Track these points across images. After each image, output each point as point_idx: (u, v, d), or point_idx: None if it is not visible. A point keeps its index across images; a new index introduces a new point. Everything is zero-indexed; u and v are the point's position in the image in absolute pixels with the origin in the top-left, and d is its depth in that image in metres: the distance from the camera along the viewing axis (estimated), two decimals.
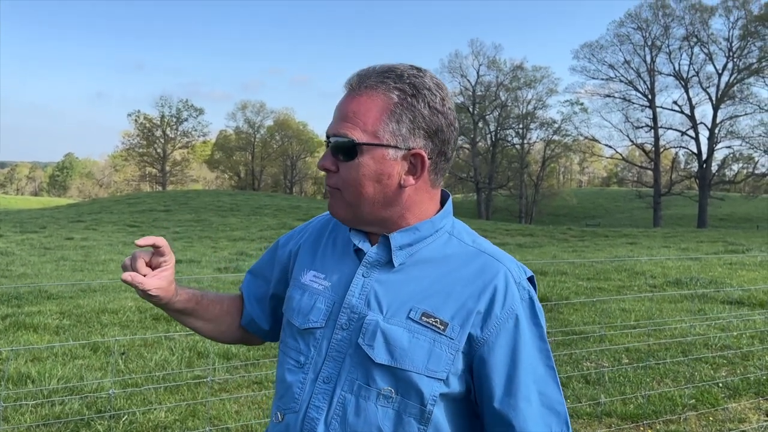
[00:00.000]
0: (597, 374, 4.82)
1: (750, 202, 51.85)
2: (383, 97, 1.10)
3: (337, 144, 1.11)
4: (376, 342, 1.09)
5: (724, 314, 7.13)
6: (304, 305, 1.19)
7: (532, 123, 56.66)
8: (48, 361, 4.87)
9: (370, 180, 1.11)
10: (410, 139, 1.11)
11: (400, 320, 1.10)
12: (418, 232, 1.15)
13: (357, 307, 1.13)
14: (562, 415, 1.12)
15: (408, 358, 1.08)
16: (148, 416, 3.83)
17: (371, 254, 1.16)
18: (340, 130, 1.11)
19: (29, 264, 12.78)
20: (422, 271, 1.14)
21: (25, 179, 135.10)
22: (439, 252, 1.16)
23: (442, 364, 1.08)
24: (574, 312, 7.27)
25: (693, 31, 46.23)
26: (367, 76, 1.12)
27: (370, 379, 1.09)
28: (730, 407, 4.20)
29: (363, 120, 1.09)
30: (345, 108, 1.12)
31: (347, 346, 1.12)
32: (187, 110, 73.92)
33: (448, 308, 1.10)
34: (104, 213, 32.57)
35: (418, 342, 1.08)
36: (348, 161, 1.10)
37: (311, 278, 1.22)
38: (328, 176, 1.14)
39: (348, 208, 1.14)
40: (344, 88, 1.15)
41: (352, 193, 1.12)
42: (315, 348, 1.15)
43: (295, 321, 1.19)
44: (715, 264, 12.23)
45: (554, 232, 28.10)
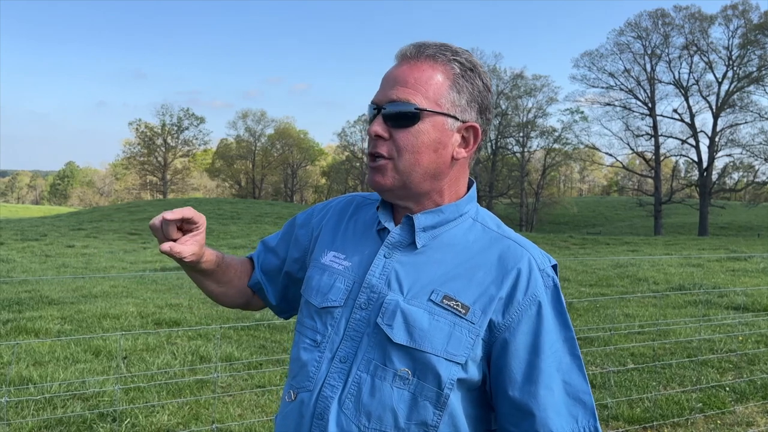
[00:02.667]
0: (603, 378, 4.78)
1: (751, 210, 51.77)
2: (445, 66, 1.10)
3: (397, 110, 1.09)
4: (396, 322, 1.07)
5: (729, 319, 7.10)
6: (323, 285, 1.18)
7: (533, 131, 56.70)
8: (50, 365, 4.84)
9: (428, 148, 1.10)
10: (467, 111, 1.12)
11: (421, 302, 1.08)
12: (443, 214, 1.14)
13: (377, 287, 1.11)
14: (588, 406, 1.09)
15: (427, 340, 1.06)
16: (150, 419, 3.79)
17: (394, 235, 1.15)
18: (400, 95, 1.08)
19: (30, 271, 12.75)
20: (445, 254, 1.12)
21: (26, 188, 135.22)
22: (462, 236, 1.14)
23: (461, 348, 1.06)
24: (577, 317, 7.23)
25: (693, 39, 46.35)
26: (426, 46, 1.11)
27: (387, 360, 1.07)
28: (737, 410, 4.17)
29: (425, 87, 1.09)
30: (404, 75, 1.10)
31: (365, 326, 1.11)
32: (188, 119, 74.08)
33: (471, 292, 1.08)
34: (105, 221, 32.55)
35: (438, 324, 1.06)
36: (407, 127, 1.09)
37: (331, 258, 1.21)
38: (378, 144, 1.11)
39: (397, 176, 1.11)
40: (396, 59, 1.14)
41: (407, 161, 1.10)
42: (332, 327, 1.14)
43: (314, 300, 1.18)
44: (717, 270, 12.20)
45: (555, 239, 28.05)
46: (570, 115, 54.12)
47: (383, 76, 1.14)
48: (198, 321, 6.82)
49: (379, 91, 1.12)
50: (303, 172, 79.54)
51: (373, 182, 1.13)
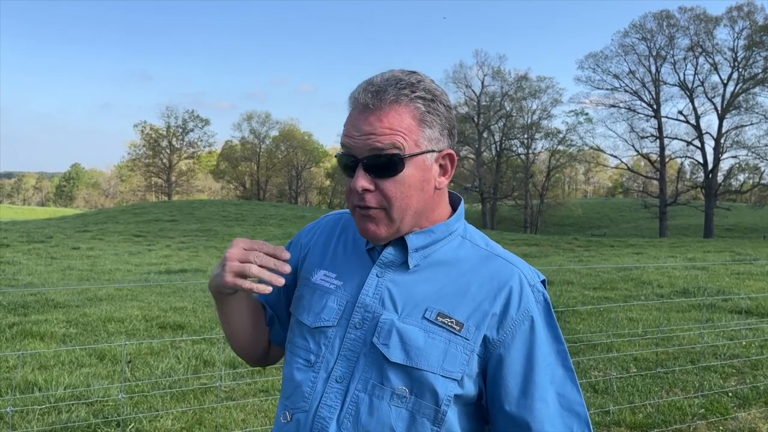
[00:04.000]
0: (605, 383, 4.79)
1: (756, 212, 51.57)
2: (410, 107, 1.10)
3: (382, 160, 1.07)
4: (392, 341, 1.09)
5: (733, 323, 7.09)
6: (314, 304, 1.18)
7: (537, 133, 56.64)
8: (55, 369, 4.88)
9: (415, 190, 1.11)
10: (441, 140, 1.14)
11: (416, 320, 1.10)
12: (433, 234, 1.16)
13: (371, 307, 1.13)
14: (582, 417, 1.11)
15: (423, 358, 1.08)
16: (154, 424, 3.82)
17: (386, 255, 1.16)
18: (384, 144, 1.07)
19: (36, 273, 12.81)
20: (436, 272, 1.14)
21: (31, 190, 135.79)
22: (453, 254, 1.16)
23: (457, 365, 1.09)
24: (581, 321, 7.23)
25: (698, 41, 46.23)
26: (382, 91, 1.09)
27: (385, 379, 1.09)
28: (740, 416, 4.17)
29: (399, 132, 1.08)
30: (374, 124, 1.08)
31: (361, 346, 1.12)
32: (192, 121, 74.31)
33: (464, 309, 1.11)
34: (110, 223, 32.68)
35: (433, 342, 1.08)
36: (392, 176, 1.09)
37: (322, 277, 1.21)
38: (365, 197, 1.10)
39: (391, 225, 1.12)
40: (354, 106, 1.12)
41: (399, 208, 1.10)
42: (326, 347, 1.14)
43: (306, 320, 1.18)
44: (722, 273, 12.16)
45: (560, 242, 28.01)
46: (574, 117, 54.09)
47: (349, 121, 1.11)
48: (202, 325, 6.85)
49: (351, 140, 1.10)
50: (307, 174, 79.67)
51: (366, 232, 1.13)
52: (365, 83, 1.12)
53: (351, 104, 1.13)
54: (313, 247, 1.29)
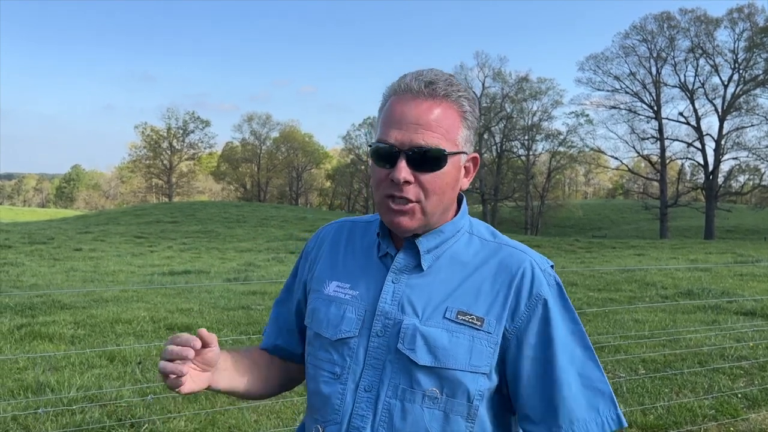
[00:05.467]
0: (614, 385, 4.80)
1: (757, 213, 51.61)
2: (456, 105, 1.13)
3: (424, 155, 1.09)
4: (417, 345, 1.10)
5: (738, 325, 7.11)
6: (332, 316, 1.18)
7: (538, 134, 56.69)
8: (66, 370, 4.89)
9: (449, 187, 1.14)
10: (472, 142, 1.17)
11: (437, 321, 1.11)
12: (443, 234, 1.18)
13: (391, 314, 1.13)
14: (606, 394, 1.12)
15: (451, 357, 1.09)
16: (168, 425, 3.83)
17: (399, 260, 1.17)
18: (427, 140, 1.09)
19: (39, 275, 12.83)
20: (450, 271, 1.16)
21: (32, 191, 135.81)
22: (463, 251, 1.18)
23: (484, 359, 1.10)
24: (587, 323, 7.25)
25: (698, 42, 46.28)
26: (434, 83, 1.11)
27: (414, 382, 1.10)
28: (750, 418, 4.18)
29: (445, 128, 1.11)
30: (423, 116, 1.09)
31: (386, 353, 1.12)
32: (193, 122, 74.37)
33: (482, 304, 1.12)
34: (111, 224, 32.70)
35: (458, 340, 1.10)
36: (433, 171, 1.10)
37: (335, 289, 1.21)
38: (405, 189, 1.10)
39: (423, 219, 1.13)
40: (402, 93, 1.12)
41: (434, 202, 1.12)
42: (351, 358, 1.14)
43: (326, 333, 1.18)
44: (725, 275, 12.18)
45: (561, 243, 28.03)
46: (575, 118, 54.15)
47: (393, 111, 1.12)
48: (209, 326, 6.86)
49: (396, 131, 1.10)
50: (308, 176, 79.72)
51: (398, 225, 1.13)
52: (414, 73, 1.13)
53: (397, 92, 1.13)
54: (319, 260, 1.29)
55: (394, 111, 1.12)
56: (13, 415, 3.87)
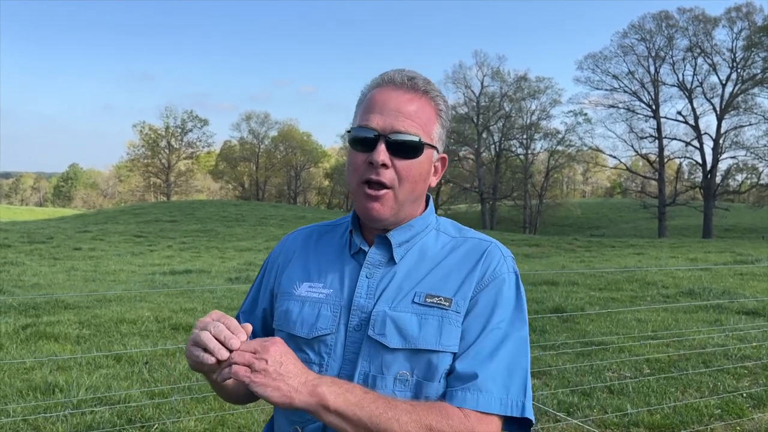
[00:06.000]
0: (621, 385, 4.82)
1: (755, 212, 51.73)
2: (433, 103, 1.19)
3: (406, 141, 1.14)
4: (387, 330, 1.12)
5: (741, 324, 7.14)
6: (307, 316, 1.19)
7: (536, 133, 56.72)
8: (73, 370, 4.90)
9: (421, 178, 1.19)
10: (442, 142, 1.23)
11: (406, 306, 1.14)
12: (413, 228, 1.23)
13: (366, 307, 1.16)
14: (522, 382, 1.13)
15: (421, 338, 1.12)
16: (177, 425, 3.85)
17: (372, 255, 1.21)
18: (407, 127, 1.14)
19: (40, 274, 12.82)
20: (419, 263, 1.20)
21: (29, 190, 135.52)
22: (432, 245, 1.23)
23: (453, 338, 1.13)
24: (590, 323, 7.27)
25: (697, 41, 46.34)
26: (416, 79, 1.17)
27: (384, 367, 1.12)
28: (756, 417, 4.20)
29: (423, 120, 1.17)
30: (404, 105, 1.15)
31: (361, 345, 1.15)
32: (191, 121, 74.29)
33: (449, 287, 1.16)
34: (110, 223, 32.65)
35: (427, 321, 1.13)
36: (410, 158, 1.15)
37: (307, 290, 1.22)
38: (382, 172, 1.14)
39: (395, 207, 1.17)
40: (385, 84, 1.18)
41: (406, 190, 1.17)
42: (329, 354, 1.16)
43: (300, 332, 1.19)
44: (726, 274, 12.22)
45: (560, 242, 28.07)
46: (573, 117, 54.18)
47: (375, 99, 1.17)
48: None
49: (377, 117, 1.14)
50: (306, 174, 79.67)
51: (371, 210, 1.16)
52: (396, 69, 1.19)
53: (379, 84, 1.19)
54: (288, 266, 1.30)
55: (376, 99, 1.17)
56: (24, 416, 3.88)
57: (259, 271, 1.38)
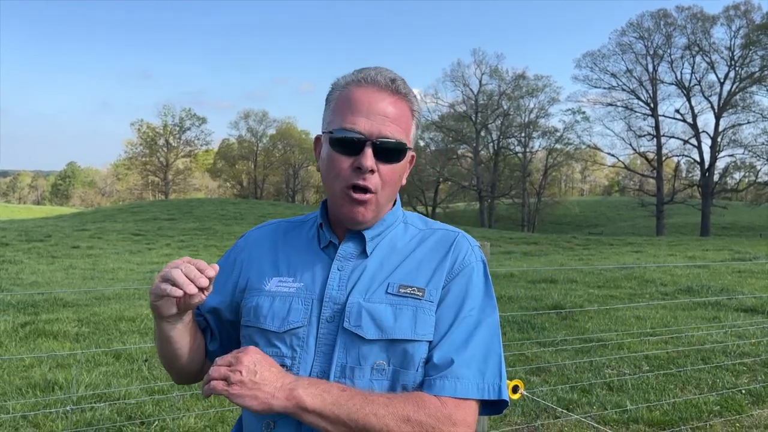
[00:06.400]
0: (620, 381, 4.83)
1: (753, 210, 51.81)
2: (410, 105, 1.20)
3: (392, 145, 1.15)
4: (363, 321, 1.13)
5: (739, 322, 7.15)
6: (278, 310, 1.18)
7: (535, 132, 56.72)
8: (73, 368, 4.90)
9: (399, 181, 1.22)
10: (415, 142, 1.24)
11: (380, 297, 1.15)
12: (384, 222, 1.24)
13: (339, 299, 1.16)
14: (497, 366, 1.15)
15: (397, 328, 1.12)
16: (178, 422, 3.84)
17: (344, 248, 1.21)
18: (394, 132, 1.15)
19: (39, 272, 12.80)
20: (390, 255, 1.22)
21: (27, 188, 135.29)
22: (401, 238, 1.25)
23: (427, 327, 1.14)
24: (589, 320, 7.28)
25: (695, 40, 46.37)
26: (397, 81, 1.17)
27: (362, 358, 1.12)
28: (755, 414, 4.22)
29: (405, 124, 1.18)
30: (389, 110, 1.15)
31: (335, 336, 1.14)
32: (189, 119, 74.17)
33: (422, 277, 1.18)
34: (108, 222, 32.61)
35: (402, 311, 1.14)
36: (393, 163, 1.17)
37: (277, 284, 1.22)
38: (368, 178, 1.14)
39: (377, 210, 1.19)
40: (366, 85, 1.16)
41: (388, 194, 1.19)
42: (301, 347, 1.15)
43: (271, 326, 1.17)
44: (724, 272, 12.24)
45: (558, 240, 28.09)
46: (572, 116, 54.21)
47: (358, 101, 1.14)
48: None
49: (363, 121, 1.13)
50: (305, 173, 79.60)
51: (356, 215, 1.17)
52: (373, 68, 1.19)
53: (360, 83, 1.16)
54: (254, 262, 1.28)
55: (360, 101, 1.15)
56: (23, 413, 3.88)
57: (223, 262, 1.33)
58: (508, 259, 17.90)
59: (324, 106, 1.24)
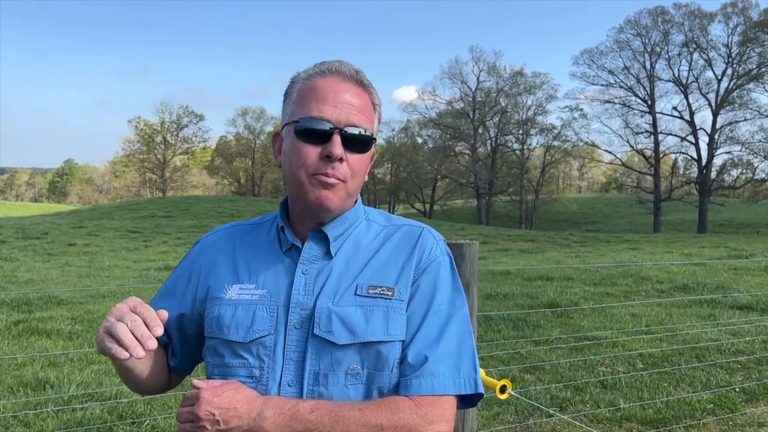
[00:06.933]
0: (613, 380, 4.82)
1: (750, 207, 51.91)
2: (372, 98, 1.20)
3: (359, 135, 1.14)
4: (334, 326, 1.10)
5: (734, 319, 7.15)
6: (241, 319, 1.14)
7: (532, 129, 56.78)
8: (65, 366, 4.88)
9: (365, 173, 1.20)
10: None
11: (350, 299, 1.12)
12: (347, 220, 1.21)
13: (306, 303, 1.13)
14: (471, 359, 1.14)
15: (369, 331, 1.10)
16: (169, 421, 3.83)
17: (308, 251, 1.18)
18: (361, 121, 1.14)
19: (34, 270, 12.77)
20: (355, 254, 1.19)
21: (24, 185, 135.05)
22: (364, 236, 1.22)
23: (399, 327, 1.12)
24: (584, 317, 7.28)
25: (692, 37, 46.40)
26: (360, 73, 1.18)
27: (335, 363, 1.10)
28: (748, 412, 4.21)
29: (370, 115, 1.18)
30: (355, 99, 1.15)
31: (305, 343, 1.11)
32: (187, 116, 74.06)
33: (390, 276, 1.16)
34: (105, 219, 32.55)
35: (373, 313, 1.12)
36: (361, 152, 1.16)
37: (238, 292, 1.17)
38: (336, 167, 1.12)
39: (345, 199, 1.16)
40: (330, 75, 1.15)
41: (356, 185, 1.17)
42: (268, 357, 1.12)
43: (236, 336, 1.13)
44: (720, 269, 12.25)
45: (556, 237, 28.11)
46: (569, 113, 54.28)
47: (324, 90, 1.13)
48: None
49: (330, 109, 1.12)
50: None
51: (324, 200, 1.13)
52: (335, 60, 1.18)
53: (324, 74, 1.15)
54: (212, 269, 1.24)
55: (326, 90, 1.14)
56: (14, 412, 3.86)
57: (172, 273, 1.29)
58: (505, 257, 17.90)
59: (283, 101, 1.21)
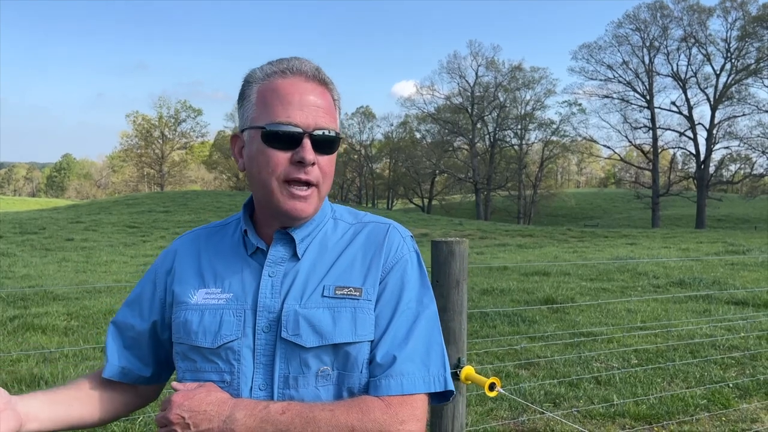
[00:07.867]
0: (608, 375, 4.84)
1: (748, 202, 51.94)
2: (332, 94, 1.17)
3: (327, 137, 1.12)
4: (301, 329, 1.09)
5: (730, 315, 7.16)
6: (208, 324, 1.13)
7: (531, 124, 56.72)
8: (60, 362, 4.88)
9: (334, 173, 1.18)
10: None
11: (317, 301, 1.11)
12: (314, 221, 1.19)
13: (273, 306, 1.12)
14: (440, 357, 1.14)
15: (337, 332, 1.09)
16: None
17: (274, 253, 1.16)
18: (328, 123, 1.12)
19: (31, 265, 12.77)
20: (322, 255, 1.18)
21: (22, 180, 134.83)
22: (332, 235, 1.21)
23: (368, 327, 1.11)
24: (580, 313, 7.29)
25: (691, 32, 46.32)
26: (321, 71, 1.15)
27: (304, 366, 1.09)
28: (742, 408, 4.22)
29: (333, 113, 1.16)
30: (320, 100, 1.13)
31: (273, 347, 1.11)
32: (185, 111, 73.97)
33: (357, 276, 1.15)
34: (103, 214, 32.53)
35: (341, 314, 1.11)
36: (329, 154, 1.14)
37: (204, 297, 1.16)
38: (309, 171, 1.10)
39: (317, 204, 1.15)
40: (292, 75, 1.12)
41: (327, 187, 1.16)
42: (238, 361, 1.11)
43: (204, 342, 1.13)
44: (716, 265, 12.26)
45: (554, 232, 28.13)
46: (568, 108, 54.22)
47: (289, 92, 1.11)
48: None
49: (298, 113, 1.10)
50: None
51: (296, 211, 1.12)
52: (294, 58, 1.15)
53: (285, 74, 1.12)
54: (177, 274, 1.23)
55: (290, 92, 1.11)
56: None
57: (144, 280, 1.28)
58: (503, 252, 17.92)
59: (238, 102, 1.19)
